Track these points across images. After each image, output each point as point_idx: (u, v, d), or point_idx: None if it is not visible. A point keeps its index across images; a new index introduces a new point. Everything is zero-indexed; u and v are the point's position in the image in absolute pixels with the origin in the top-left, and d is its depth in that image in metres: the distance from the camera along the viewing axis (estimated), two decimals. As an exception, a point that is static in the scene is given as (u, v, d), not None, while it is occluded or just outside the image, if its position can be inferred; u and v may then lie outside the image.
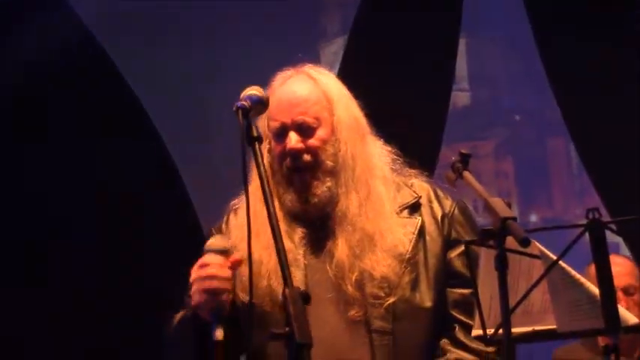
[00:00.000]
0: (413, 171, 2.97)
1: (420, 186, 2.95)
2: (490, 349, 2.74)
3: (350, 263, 2.77)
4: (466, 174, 2.58)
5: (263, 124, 2.86)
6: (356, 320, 2.76)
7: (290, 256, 2.66)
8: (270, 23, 5.67)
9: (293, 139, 2.82)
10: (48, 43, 5.46)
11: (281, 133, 2.85)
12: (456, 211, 2.93)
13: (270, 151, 2.87)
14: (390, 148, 2.95)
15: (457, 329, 2.84)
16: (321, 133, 2.84)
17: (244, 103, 2.55)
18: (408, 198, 2.91)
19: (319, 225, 2.84)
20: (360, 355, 2.75)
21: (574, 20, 5.71)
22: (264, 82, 2.81)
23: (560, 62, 5.82)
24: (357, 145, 2.86)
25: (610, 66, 5.64)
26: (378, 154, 2.92)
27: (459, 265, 2.87)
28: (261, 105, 2.61)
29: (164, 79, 5.76)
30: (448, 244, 2.89)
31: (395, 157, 2.95)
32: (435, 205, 2.92)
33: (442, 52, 5.91)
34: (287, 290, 2.26)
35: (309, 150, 2.82)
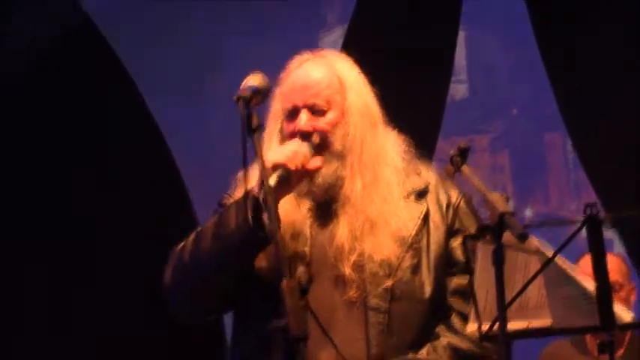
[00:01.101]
0: (424, 162, 3.00)
1: (428, 174, 2.98)
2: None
3: (350, 246, 2.81)
4: (465, 168, 2.59)
5: (276, 104, 2.93)
6: (352, 299, 2.80)
7: (297, 227, 2.81)
8: (270, 12, 5.64)
9: (303, 120, 2.86)
10: (48, 31, 5.46)
11: (293, 114, 2.89)
12: (462, 203, 2.95)
13: (281, 130, 2.91)
14: (403, 138, 2.98)
15: (453, 316, 2.87)
16: (331, 116, 2.88)
17: (245, 92, 2.56)
18: (416, 184, 2.94)
19: (324, 207, 2.88)
20: (354, 332, 2.78)
21: (573, 15, 5.71)
22: (262, 72, 2.81)
23: (558, 57, 5.81)
24: (367, 130, 2.89)
25: (608, 62, 5.64)
26: (391, 143, 2.95)
27: (459, 254, 2.90)
28: (261, 95, 2.61)
29: (163, 69, 5.75)
30: (451, 232, 2.92)
31: (407, 148, 2.97)
32: (442, 194, 2.96)
33: (441, 43, 5.91)
34: (285, 282, 2.27)
35: (317, 131, 2.86)
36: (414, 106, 5.53)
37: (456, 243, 2.90)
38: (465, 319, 2.80)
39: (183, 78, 5.95)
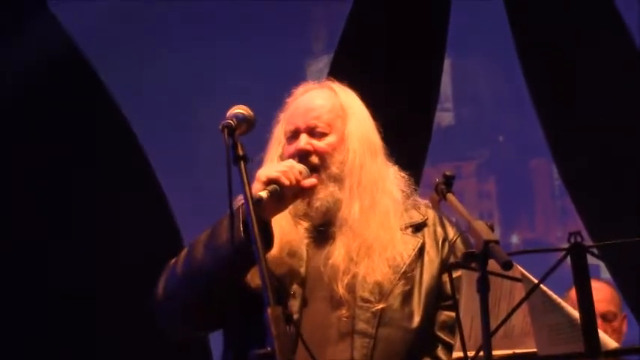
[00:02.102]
0: (424, 201, 3.01)
1: (427, 211, 3.00)
2: None
3: (345, 267, 2.82)
4: (450, 196, 2.60)
5: (279, 128, 2.98)
6: (343, 320, 2.80)
7: (294, 245, 2.83)
8: (257, 38, 5.68)
9: (303, 141, 2.90)
10: (32, 54, 5.47)
11: (293, 136, 2.93)
12: (458, 240, 2.97)
13: (281, 155, 2.94)
14: (404, 175, 3.00)
15: (439, 348, 2.87)
16: (331, 139, 2.91)
17: (230, 121, 2.58)
18: (414, 218, 2.96)
19: (322, 229, 2.89)
20: (342, 354, 2.78)
21: (558, 42, 5.75)
22: (250, 98, 2.83)
23: (543, 85, 5.84)
24: (366, 158, 2.92)
25: (594, 89, 5.67)
26: (390, 175, 2.98)
27: (450, 288, 2.89)
28: (246, 123, 2.63)
29: (150, 96, 5.77)
30: (445, 267, 2.92)
31: (408, 183, 2.99)
32: (439, 229, 2.97)
33: (427, 72, 5.93)
34: (269, 310, 2.28)
35: (317, 152, 2.89)
36: (401, 134, 5.55)
37: (449, 278, 2.91)
38: (450, 351, 2.82)
39: (171, 108, 5.95)
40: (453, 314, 2.86)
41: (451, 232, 2.97)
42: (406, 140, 5.61)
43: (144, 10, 5.92)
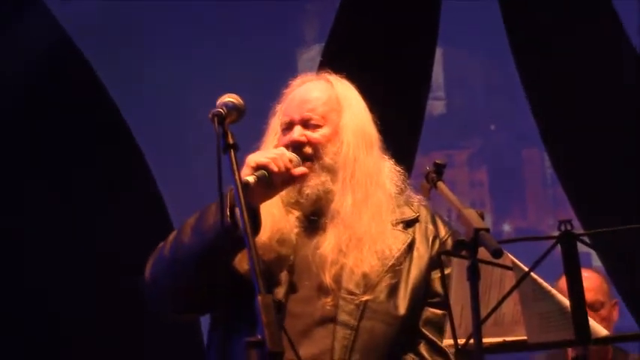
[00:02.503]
0: (417, 196, 3.01)
1: (420, 207, 3.00)
2: None
3: (333, 257, 2.82)
4: (440, 184, 2.60)
5: (275, 119, 3.00)
6: (327, 307, 2.81)
7: (284, 233, 2.83)
8: (247, 29, 5.66)
9: (296, 132, 2.91)
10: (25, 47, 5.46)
11: (288, 128, 2.94)
12: (449, 240, 2.96)
13: (276, 146, 2.94)
14: (399, 169, 3.01)
15: (422, 345, 2.87)
16: (325, 131, 2.93)
17: (220, 110, 2.58)
18: (407, 214, 2.96)
19: (313, 219, 2.90)
20: (323, 344, 2.78)
21: (550, 32, 5.75)
22: (241, 88, 2.83)
23: (535, 73, 5.85)
24: (360, 151, 2.93)
25: (586, 78, 5.68)
26: (385, 169, 2.98)
27: (438, 286, 2.90)
28: (236, 112, 2.63)
29: (140, 87, 5.76)
30: (433, 264, 2.92)
31: (403, 178, 3.00)
32: (430, 226, 2.97)
33: (419, 61, 5.93)
34: (259, 298, 2.28)
35: (310, 143, 2.90)
36: (392, 123, 5.54)
37: (438, 275, 2.90)
38: (434, 348, 2.84)
39: (161, 92, 5.94)
40: (439, 312, 2.88)
41: (442, 231, 2.97)
42: (398, 129, 5.62)
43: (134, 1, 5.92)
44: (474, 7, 6.14)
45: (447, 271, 2.77)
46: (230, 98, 2.64)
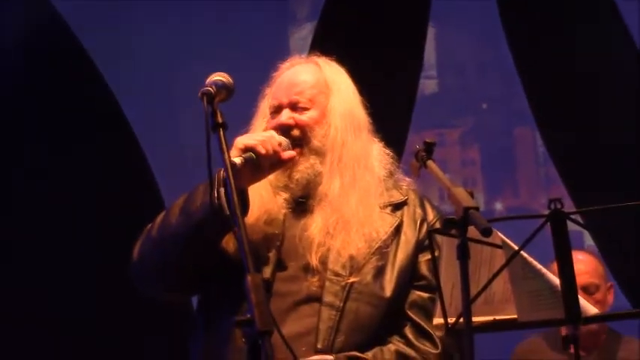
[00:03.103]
0: (407, 179, 3.02)
1: (408, 191, 3.01)
2: (435, 350, 2.80)
3: (320, 239, 2.84)
4: (430, 163, 2.60)
5: (264, 102, 3.02)
6: (312, 288, 2.83)
7: (272, 214, 2.86)
8: (237, 7, 5.64)
9: (284, 115, 2.93)
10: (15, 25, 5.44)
11: (277, 111, 2.96)
12: (437, 223, 2.98)
13: (265, 129, 2.96)
14: (389, 152, 3.02)
15: (408, 327, 2.88)
16: (312, 113, 2.94)
17: (209, 88, 2.57)
18: (395, 197, 2.98)
19: (301, 201, 2.92)
20: (308, 325, 2.80)
21: (543, 10, 5.74)
22: (232, 67, 2.82)
23: (527, 52, 5.84)
24: (348, 134, 2.94)
25: (577, 58, 5.68)
26: (374, 152, 2.99)
27: (425, 269, 2.92)
28: (226, 91, 2.62)
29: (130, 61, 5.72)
30: (420, 247, 2.94)
31: (392, 161, 3.00)
32: (419, 210, 2.99)
33: (411, 40, 5.92)
34: (249, 277, 2.28)
35: (298, 126, 2.92)
36: (384, 101, 5.54)
37: (424, 258, 2.92)
38: (419, 331, 2.85)
39: (151, 76, 5.91)
40: (425, 295, 2.89)
41: (431, 214, 2.99)
42: (390, 107, 5.61)
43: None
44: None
45: (435, 254, 2.77)
46: (219, 77, 2.64)
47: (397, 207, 2.96)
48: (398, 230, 2.92)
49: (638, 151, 5.51)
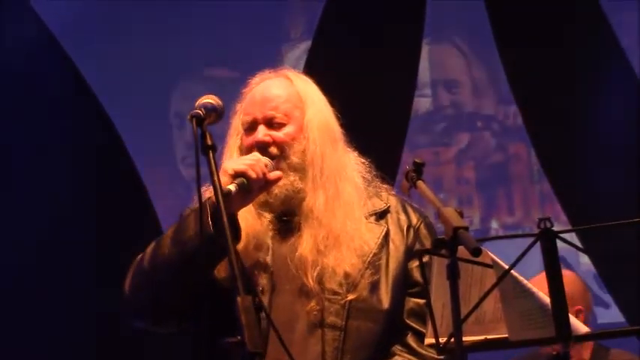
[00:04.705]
0: (385, 185, 3.02)
1: (389, 197, 3.00)
2: (441, 357, 2.77)
3: (313, 258, 2.82)
4: (420, 183, 2.61)
5: (237, 118, 2.96)
6: (312, 313, 2.81)
7: (260, 238, 2.82)
8: (233, 25, 5.65)
9: (261, 132, 2.89)
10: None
11: (251, 127, 2.91)
12: (422, 226, 2.97)
13: (240, 147, 2.93)
14: (364, 161, 3.00)
15: (409, 336, 2.88)
16: (289, 129, 2.90)
17: (198, 111, 2.58)
18: (377, 205, 2.96)
19: (286, 220, 2.89)
20: (312, 347, 2.79)
21: (535, 28, 5.76)
22: (223, 86, 2.83)
23: (521, 69, 5.86)
24: (326, 147, 2.91)
25: (571, 75, 5.70)
26: (351, 162, 2.97)
27: (417, 275, 2.90)
28: (215, 113, 2.63)
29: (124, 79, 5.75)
30: (410, 254, 2.93)
31: (368, 169, 3.00)
32: (402, 216, 2.98)
33: (405, 59, 5.94)
34: (239, 299, 2.28)
35: (275, 143, 2.88)
36: (379, 121, 5.57)
37: (415, 264, 2.91)
38: (420, 339, 2.83)
39: (149, 95, 5.93)
40: (421, 301, 2.88)
41: (414, 219, 2.97)
42: (384, 127, 5.63)
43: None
44: (460, 4, 6.15)
45: (424, 259, 2.77)
46: (209, 99, 2.64)
47: (381, 215, 2.94)
48: (386, 239, 2.91)
49: (633, 168, 5.52)
